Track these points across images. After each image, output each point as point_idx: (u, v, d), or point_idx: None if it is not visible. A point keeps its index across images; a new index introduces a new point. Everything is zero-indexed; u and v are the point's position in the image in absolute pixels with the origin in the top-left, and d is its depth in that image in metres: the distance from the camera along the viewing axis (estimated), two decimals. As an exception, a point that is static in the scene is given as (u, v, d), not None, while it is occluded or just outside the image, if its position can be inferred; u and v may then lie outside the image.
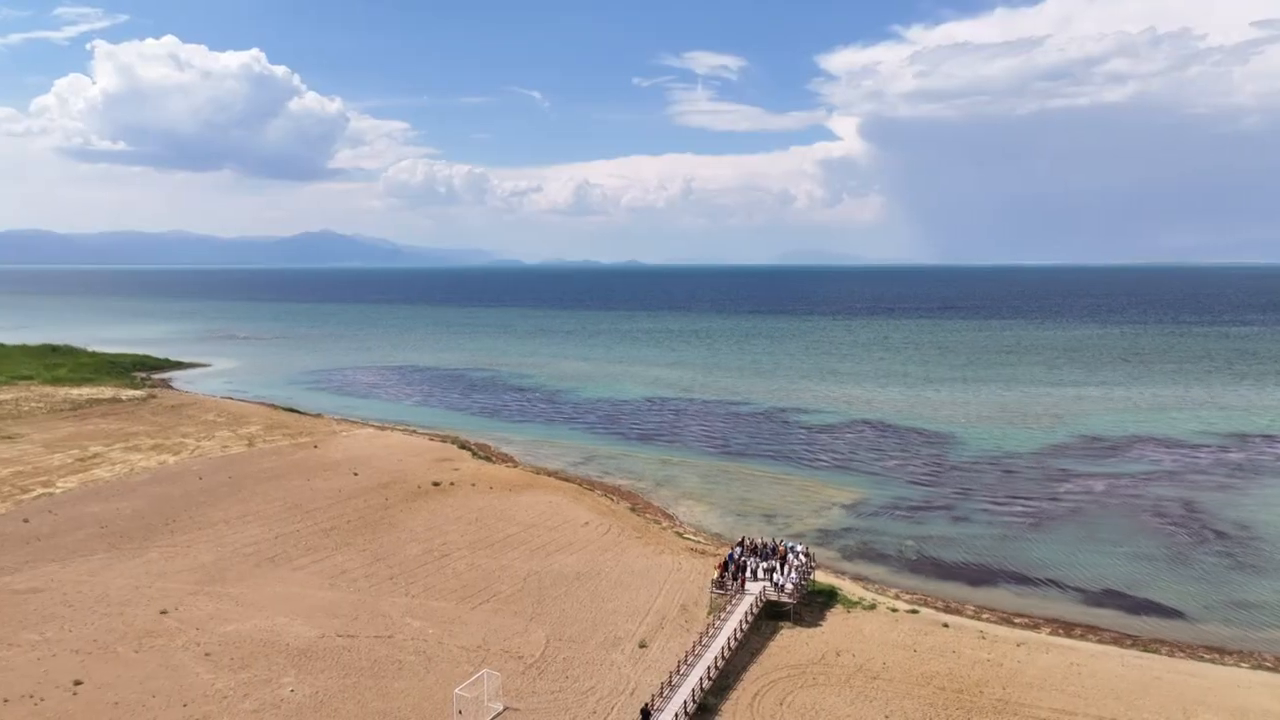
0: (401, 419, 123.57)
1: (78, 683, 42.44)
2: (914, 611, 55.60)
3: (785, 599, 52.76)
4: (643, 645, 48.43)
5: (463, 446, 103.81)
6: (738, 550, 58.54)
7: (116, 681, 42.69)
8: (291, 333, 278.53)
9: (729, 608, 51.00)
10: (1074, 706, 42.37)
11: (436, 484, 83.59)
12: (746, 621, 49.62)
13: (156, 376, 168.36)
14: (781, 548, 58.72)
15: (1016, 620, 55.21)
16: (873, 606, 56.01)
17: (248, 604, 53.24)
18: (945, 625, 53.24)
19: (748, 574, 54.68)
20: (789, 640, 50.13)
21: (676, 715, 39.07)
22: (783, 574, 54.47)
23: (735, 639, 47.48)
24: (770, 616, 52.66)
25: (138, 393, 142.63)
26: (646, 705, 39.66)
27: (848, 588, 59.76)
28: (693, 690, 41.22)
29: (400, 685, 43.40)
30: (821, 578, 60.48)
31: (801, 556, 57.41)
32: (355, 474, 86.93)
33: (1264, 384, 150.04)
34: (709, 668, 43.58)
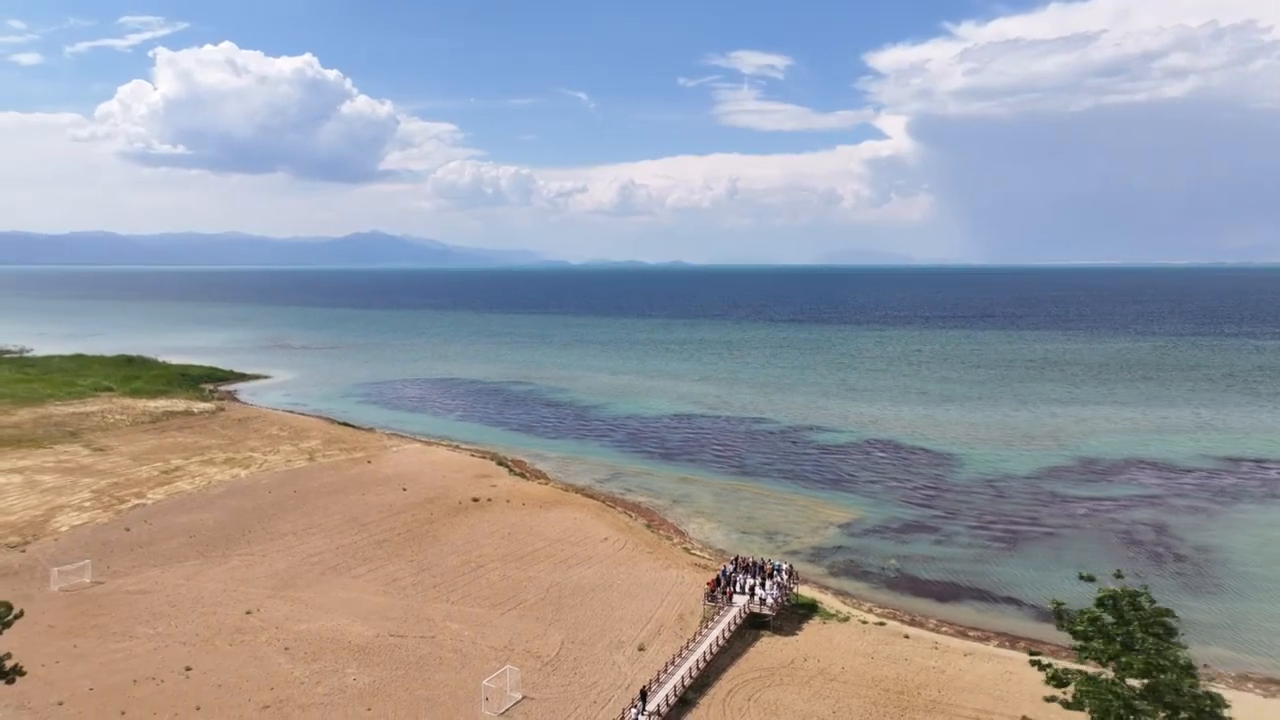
0: (446, 434, 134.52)
1: (187, 668, 53.34)
2: (881, 624, 64.18)
3: (765, 611, 61.76)
4: (641, 649, 57.90)
5: (500, 463, 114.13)
6: (730, 567, 67.68)
7: (217, 668, 53.49)
8: (342, 342, 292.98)
9: (716, 618, 60.21)
10: (994, 707, 50.82)
11: (475, 500, 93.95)
12: (729, 630, 58.76)
13: (223, 389, 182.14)
14: (768, 566, 67.68)
15: (971, 633, 63.52)
16: (846, 619, 64.71)
17: (316, 607, 63.93)
18: (906, 636, 61.76)
19: (735, 589, 63.76)
20: (766, 646, 59.17)
21: (659, 707, 48.49)
22: (765, 589, 63.41)
23: (718, 644, 56.66)
24: (754, 626, 61.69)
25: (208, 406, 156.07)
26: (645, 687, 49.49)
27: (828, 601, 68.45)
28: (674, 686, 50.56)
29: (440, 677, 53.45)
30: (806, 592, 69.33)
31: (783, 575, 66.31)
32: (404, 489, 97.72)
33: (1277, 405, 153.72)
34: (690, 668, 52.86)
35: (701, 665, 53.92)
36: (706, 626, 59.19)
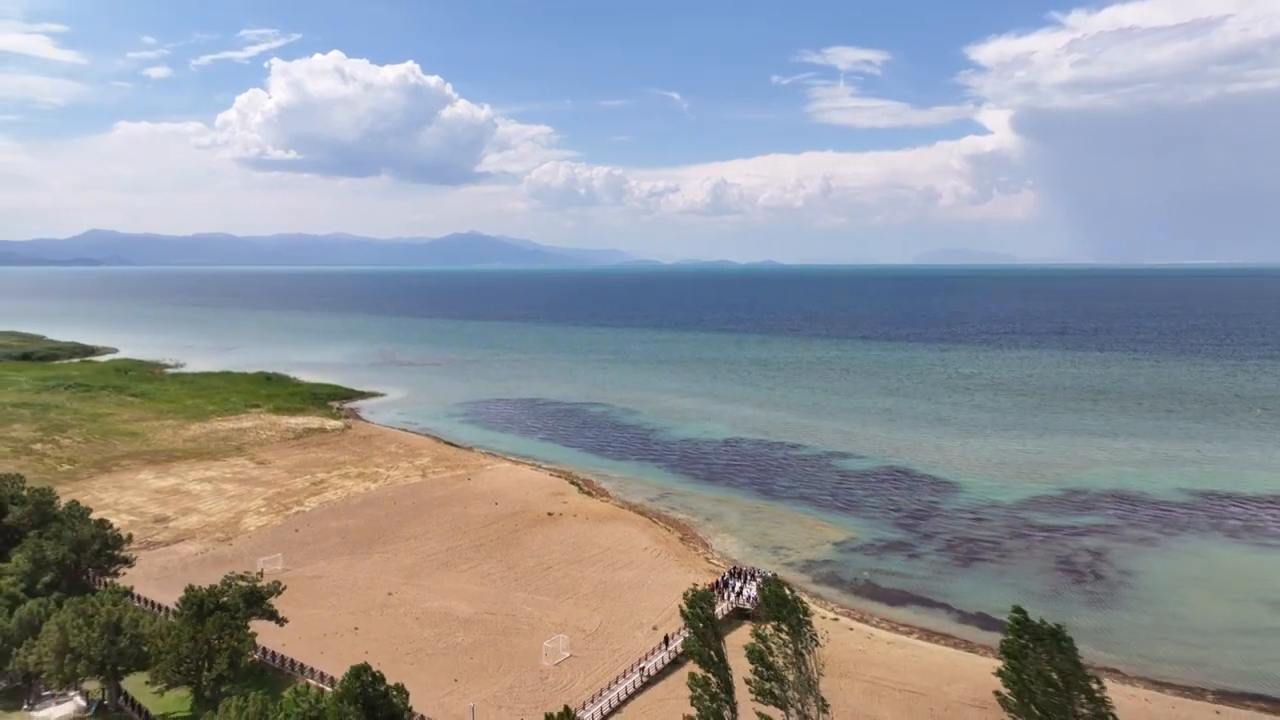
0: (529, 453, 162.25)
1: (355, 628, 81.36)
2: (836, 620, 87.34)
3: (748, 606, 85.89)
4: (655, 628, 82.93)
5: (572, 481, 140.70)
6: (727, 574, 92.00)
7: (374, 629, 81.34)
8: (443, 357, 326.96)
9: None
10: (886, 676, 73.75)
11: (550, 514, 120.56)
12: (719, 618, 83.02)
13: (347, 406, 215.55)
14: (757, 574, 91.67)
15: (901, 628, 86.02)
16: (812, 615, 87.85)
17: (435, 591, 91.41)
18: (851, 629, 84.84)
19: (729, 590, 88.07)
20: (745, 631, 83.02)
21: (657, 664, 73.60)
22: (751, 591, 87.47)
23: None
24: (740, 617, 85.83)
25: (337, 424, 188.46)
26: (668, 635, 74.97)
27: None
28: (671, 651, 75.58)
29: (517, 640, 79.78)
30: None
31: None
32: (495, 504, 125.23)
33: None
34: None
35: (693, 641, 78.52)
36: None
